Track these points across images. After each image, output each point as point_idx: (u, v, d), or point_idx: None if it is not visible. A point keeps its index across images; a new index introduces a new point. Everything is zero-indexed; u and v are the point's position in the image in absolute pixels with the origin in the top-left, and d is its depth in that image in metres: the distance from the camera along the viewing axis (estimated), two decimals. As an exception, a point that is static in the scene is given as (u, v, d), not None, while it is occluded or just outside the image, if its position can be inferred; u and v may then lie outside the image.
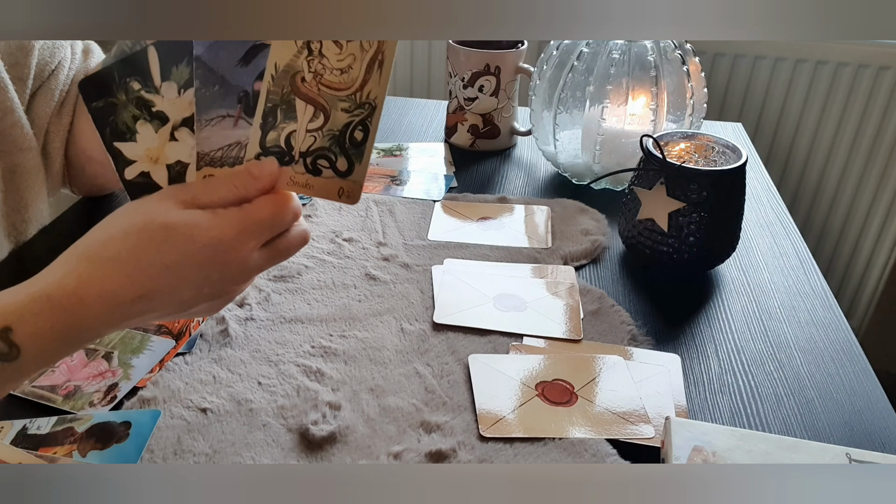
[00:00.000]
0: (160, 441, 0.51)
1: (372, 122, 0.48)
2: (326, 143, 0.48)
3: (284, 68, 0.47)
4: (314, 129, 0.48)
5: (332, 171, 0.48)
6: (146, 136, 0.48)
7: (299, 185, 0.48)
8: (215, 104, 0.47)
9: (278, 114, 0.47)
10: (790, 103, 1.53)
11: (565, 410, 0.54)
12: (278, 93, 0.47)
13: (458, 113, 0.95)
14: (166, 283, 0.43)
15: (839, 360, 0.61)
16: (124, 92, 0.48)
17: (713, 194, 0.67)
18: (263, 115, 0.47)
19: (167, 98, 0.47)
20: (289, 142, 0.48)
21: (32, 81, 0.69)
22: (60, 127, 0.71)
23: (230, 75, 0.47)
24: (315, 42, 0.46)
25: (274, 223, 0.46)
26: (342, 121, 0.48)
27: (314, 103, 0.47)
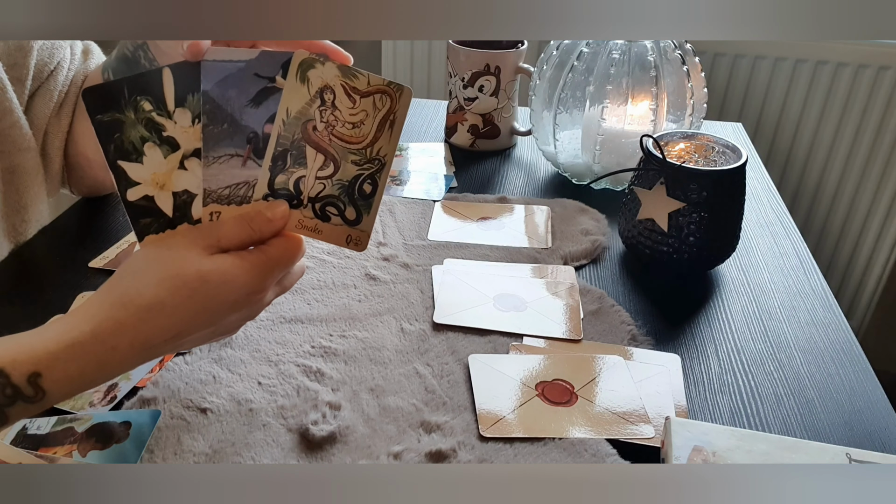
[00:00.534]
0: (160, 441, 0.51)
1: (381, 177, 0.49)
2: (335, 192, 0.49)
3: (296, 115, 0.47)
4: (324, 176, 0.49)
5: (340, 219, 0.50)
6: (154, 160, 0.48)
7: (308, 228, 0.50)
8: (223, 142, 0.47)
9: (288, 158, 0.48)
10: (790, 103, 1.53)
11: (565, 410, 0.54)
12: (289, 138, 0.47)
13: (458, 113, 0.95)
14: (196, 325, 0.45)
15: (839, 360, 0.61)
16: (133, 110, 0.47)
17: (713, 194, 0.67)
18: (273, 157, 0.48)
19: (180, 125, 0.47)
20: (297, 186, 0.49)
21: (31, 82, 0.69)
22: (59, 128, 0.71)
23: (240, 115, 0.47)
24: (328, 93, 0.47)
25: (289, 264, 0.48)
26: (352, 172, 0.49)
27: (325, 153, 0.48)
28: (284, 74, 0.46)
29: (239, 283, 0.45)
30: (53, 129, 0.71)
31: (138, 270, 0.45)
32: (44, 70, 0.70)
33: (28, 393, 0.41)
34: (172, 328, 0.44)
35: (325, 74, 0.47)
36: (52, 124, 0.71)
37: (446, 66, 0.95)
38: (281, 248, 0.48)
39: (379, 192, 0.50)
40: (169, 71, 0.47)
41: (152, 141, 0.47)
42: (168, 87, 0.47)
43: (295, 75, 0.46)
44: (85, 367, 0.42)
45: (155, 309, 0.43)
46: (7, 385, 0.40)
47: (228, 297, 0.45)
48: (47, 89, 0.70)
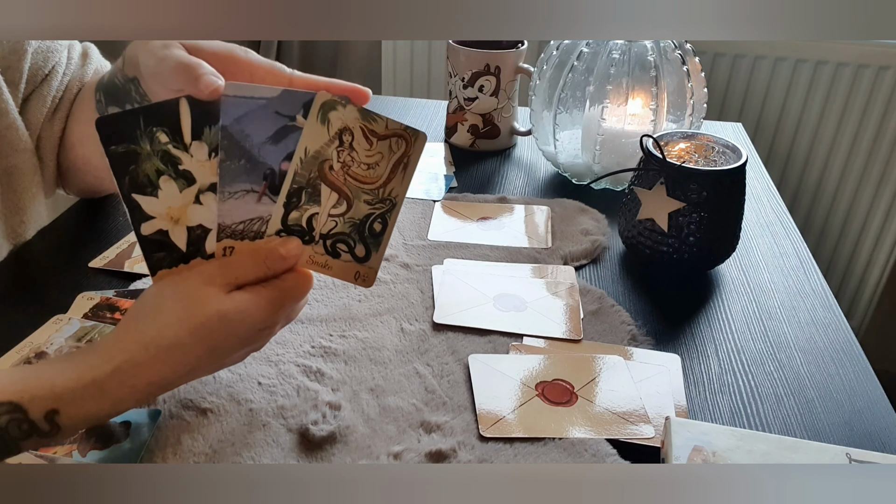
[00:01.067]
0: (160, 441, 0.51)
1: (391, 216, 0.50)
2: (346, 230, 0.50)
3: (314, 154, 0.47)
4: (336, 214, 0.50)
5: (350, 256, 0.51)
6: (169, 194, 0.47)
7: (318, 264, 0.51)
8: (240, 178, 0.47)
9: (303, 195, 0.49)
10: (790, 103, 1.53)
11: (565, 410, 0.54)
12: (305, 176, 0.48)
13: (458, 113, 0.95)
14: (211, 360, 0.47)
15: (839, 360, 0.61)
16: (149, 141, 0.46)
17: (713, 194, 0.67)
18: (288, 194, 0.48)
19: (196, 159, 0.47)
20: (310, 223, 0.49)
21: (25, 86, 0.68)
22: (52, 133, 0.71)
23: (258, 152, 0.47)
24: (347, 135, 0.47)
25: (299, 298, 0.50)
26: (363, 211, 0.50)
27: (339, 191, 0.49)
28: (305, 114, 0.46)
29: (254, 319, 0.47)
30: (46, 133, 0.71)
31: (158, 310, 0.46)
32: (38, 74, 0.69)
33: (44, 429, 0.42)
34: (188, 364, 0.45)
35: (345, 116, 0.47)
36: (45, 129, 0.71)
37: (446, 66, 0.95)
38: (293, 283, 0.49)
39: (388, 231, 0.51)
40: (186, 102, 0.46)
41: (168, 174, 0.47)
42: (185, 119, 0.46)
43: (316, 116, 0.47)
44: (102, 405, 0.43)
45: (175, 349, 0.44)
46: (24, 421, 0.41)
47: (243, 332, 0.47)
48: (41, 94, 0.69)
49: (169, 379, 0.45)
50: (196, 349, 0.45)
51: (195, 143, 0.47)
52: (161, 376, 0.44)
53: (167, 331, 0.44)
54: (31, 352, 0.58)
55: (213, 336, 0.45)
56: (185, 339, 0.44)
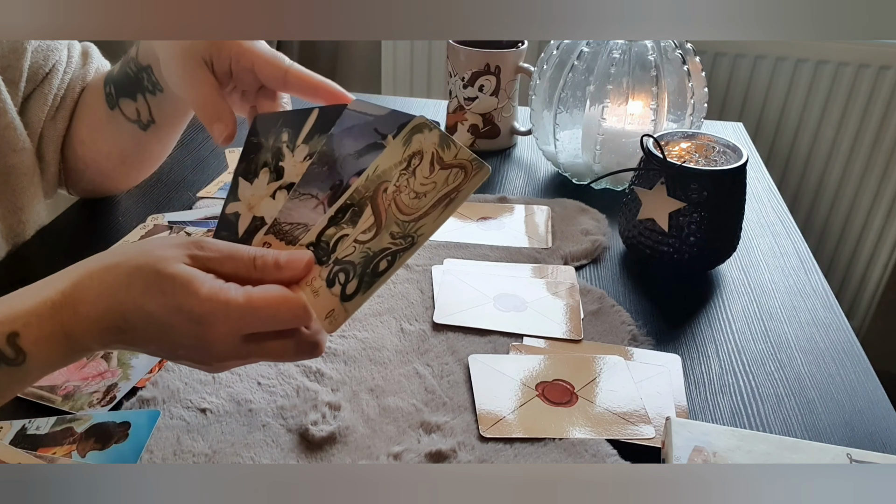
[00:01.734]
0: (160, 441, 0.51)
1: (403, 257, 0.45)
2: (357, 259, 0.45)
3: (380, 174, 0.45)
4: (361, 241, 0.45)
5: (339, 289, 0.45)
6: (260, 184, 0.49)
7: (312, 288, 0.45)
8: (315, 183, 0.48)
9: (348, 213, 0.46)
10: (791, 103, 1.53)
11: (565, 411, 0.54)
12: (361, 194, 0.45)
13: (458, 113, 0.95)
14: (144, 330, 0.42)
15: (840, 361, 0.61)
16: (274, 138, 0.49)
17: (713, 194, 0.66)
18: (338, 209, 0.46)
19: (296, 159, 0.48)
20: (337, 243, 0.46)
21: (25, 84, 0.68)
22: (55, 132, 0.71)
23: (341, 162, 0.47)
24: (417, 159, 0.45)
25: (268, 322, 0.42)
26: (383, 244, 0.45)
27: (377, 216, 0.45)
28: (396, 134, 0.45)
29: (189, 304, 0.41)
30: (49, 132, 0.71)
31: (124, 248, 0.45)
32: (38, 73, 0.69)
33: (9, 354, 0.41)
34: (120, 317, 0.42)
35: (425, 140, 0.44)
36: (48, 128, 0.71)
37: (446, 66, 0.95)
38: (266, 297, 0.42)
39: (390, 274, 0.45)
40: (317, 111, 0.48)
41: (269, 167, 0.49)
42: (308, 125, 0.48)
43: (403, 136, 0.45)
44: (55, 327, 0.42)
45: (110, 290, 0.42)
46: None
47: (174, 315, 0.41)
48: (42, 93, 0.70)
49: (103, 323, 0.42)
50: (126, 303, 0.42)
51: (302, 145, 0.48)
52: (96, 313, 0.42)
53: (113, 269, 0.42)
54: (30, 352, 0.58)
55: (146, 296, 0.41)
56: (124, 279, 0.42)
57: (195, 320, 0.41)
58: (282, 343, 0.44)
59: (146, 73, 0.64)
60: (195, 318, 0.41)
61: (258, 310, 0.41)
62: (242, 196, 0.49)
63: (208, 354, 0.43)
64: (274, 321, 0.42)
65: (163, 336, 0.43)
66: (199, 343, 0.43)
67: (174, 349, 0.44)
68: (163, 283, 0.41)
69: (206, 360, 0.44)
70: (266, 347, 0.44)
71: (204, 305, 0.41)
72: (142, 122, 0.68)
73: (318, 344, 0.45)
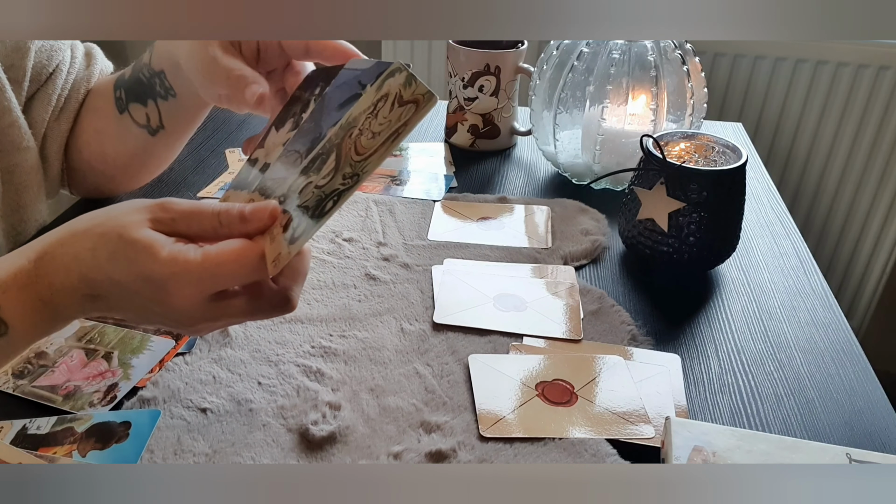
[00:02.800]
0: (160, 441, 0.51)
1: (345, 195, 0.43)
2: (312, 203, 0.43)
3: (351, 121, 0.43)
4: (319, 185, 0.43)
5: (290, 234, 0.43)
6: (282, 133, 0.50)
7: (271, 236, 0.43)
8: (300, 139, 0.46)
9: (317, 162, 0.43)
10: (790, 103, 1.53)
11: (565, 410, 0.54)
12: (332, 142, 0.43)
13: (458, 113, 0.95)
14: (117, 298, 0.43)
15: (839, 360, 0.61)
16: (310, 91, 0.51)
17: (713, 194, 0.67)
18: (310, 160, 0.44)
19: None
20: (302, 191, 0.44)
21: (29, 84, 0.68)
22: (59, 132, 0.71)
23: (326, 116, 0.45)
24: (382, 102, 0.42)
25: (228, 278, 0.42)
26: (334, 186, 0.43)
27: (338, 161, 0.43)
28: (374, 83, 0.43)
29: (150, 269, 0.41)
30: (53, 133, 0.71)
31: (93, 214, 0.44)
32: (42, 73, 0.69)
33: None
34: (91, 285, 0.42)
35: (393, 83, 0.42)
36: (52, 128, 0.71)
37: (446, 66, 0.95)
38: (224, 256, 0.41)
39: (332, 213, 0.43)
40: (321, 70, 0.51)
41: (294, 118, 0.50)
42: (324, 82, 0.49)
43: (378, 83, 0.42)
44: (31, 295, 0.42)
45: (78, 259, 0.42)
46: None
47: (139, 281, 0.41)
48: (45, 93, 0.70)
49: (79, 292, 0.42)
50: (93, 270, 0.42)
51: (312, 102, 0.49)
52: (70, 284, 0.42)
53: (83, 236, 0.43)
54: (30, 352, 0.58)
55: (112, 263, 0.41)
56: (90, 247, 0.42)
57: (158, 286, 0.41)
58: (248, 300, 0.44)
59: (159, 79, 0.64)
60: (158, 284, 0.41)
61: (216, 267, 0.41)
62: (266, 143, 0.49)
63: (178, 318, 0.43)
64: (232, 277, 0.42)
65: (133, 303, 0.43)
66: (166, 309, 0.42)
67: (147, 315, 0.44)
68: (126, 249, 0.41)
69: (178, 323, 0.44)
70: (233, 306, 0.43)
71: (164, 270, 0.41)
72: (151, 127, 0.68)
73: (290, 299, 0.45)
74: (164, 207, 0.43)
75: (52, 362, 0.57)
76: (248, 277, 0.42)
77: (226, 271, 0.41)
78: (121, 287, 0.42)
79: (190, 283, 0.41)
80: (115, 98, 0.69)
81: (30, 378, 0.55)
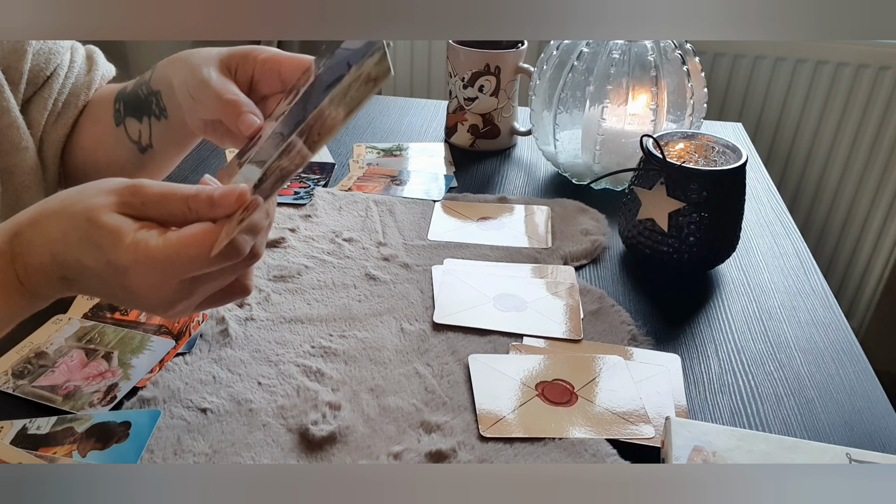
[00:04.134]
0: (160, 441, 0.51)
1: (295, 171, 0.42)
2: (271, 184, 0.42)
3: (327, 102, 0.42)
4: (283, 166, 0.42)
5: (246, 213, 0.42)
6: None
7: (236, 218, 0.42)
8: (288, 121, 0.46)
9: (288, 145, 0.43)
10: (790, 103, 1.53)
11: (565, 410, 0.54)
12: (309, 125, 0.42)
13: (458, 113, 0.95)
14: (87, 281, 0.43)
15: (839, 360, 0.61)
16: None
17: (713, 194, 0.67)
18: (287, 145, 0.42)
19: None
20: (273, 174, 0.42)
21: (25, 87, 0.68)
22: (56, 136, 0.71)
23: (311, 98, 0.44)
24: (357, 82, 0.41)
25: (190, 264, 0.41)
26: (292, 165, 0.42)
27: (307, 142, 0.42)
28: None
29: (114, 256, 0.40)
30: (50, 137, 0.71)
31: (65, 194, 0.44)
32: (39, 76, 0.69)
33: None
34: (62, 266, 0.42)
35: (370, 62, 0.41)
36: (49, 132, 0.71)
37: (446, 66, 0.95)
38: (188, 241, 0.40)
39: (278, 190, 0.42)
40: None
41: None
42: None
43: (360, 63, 0.41)
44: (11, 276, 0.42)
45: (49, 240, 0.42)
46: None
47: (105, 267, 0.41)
48: (42, 96, 0.69)
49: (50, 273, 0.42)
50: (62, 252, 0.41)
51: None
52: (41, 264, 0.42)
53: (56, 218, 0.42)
54: (30, 352, 0.58)
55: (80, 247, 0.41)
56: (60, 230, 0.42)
57: (121, 272, 0.41)
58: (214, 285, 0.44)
59: (155, 98, 0.64)
60: (121, 270, 0.41)
61: (176, 253, 0.40)
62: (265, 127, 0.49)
63: (146, 303, 0.43)
64: (193, 263, 0.41)
65: (104, 287, 0.43)
66: (131, 295, 0.42)
67: (117, 300, 0.44)
68: (92, 234, 0.41)
69: (149, 308, 0.44)
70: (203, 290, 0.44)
71: (126, 257, 0.40)
72: (141, 144, 0.68)
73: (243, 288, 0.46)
74: (135, 191, 0.42)
75: (52, 362, 0.57)
76: (210, 262, 0.41)
77: (186, 257, 0.40)
78: (90, 271, 0.42)
79: (152, 269, 0.41)
80: (115, 110, 0.69)
81: (30, 378, 0.55)
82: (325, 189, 0.84)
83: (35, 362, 0.57)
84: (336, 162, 0.92)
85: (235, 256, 0.42)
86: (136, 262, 0.40)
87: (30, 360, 0.57)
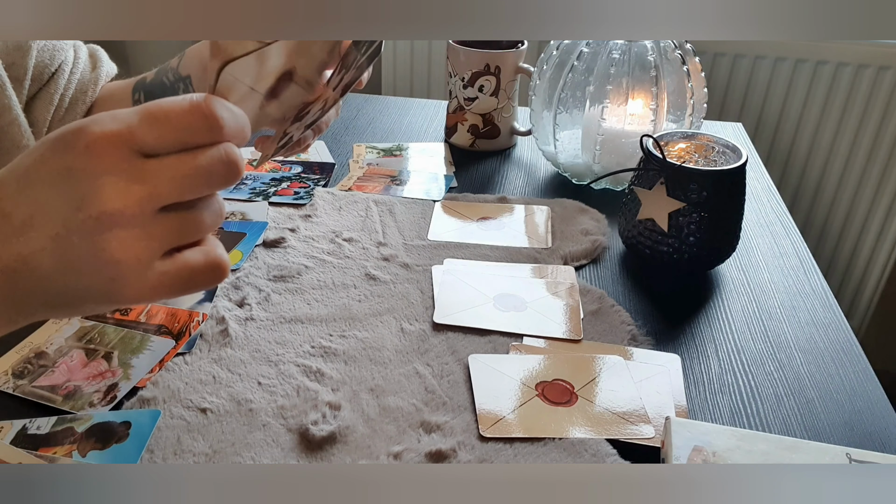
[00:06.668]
0: (160, 441, 0.51)
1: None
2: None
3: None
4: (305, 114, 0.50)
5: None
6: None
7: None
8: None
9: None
10: (790, 103, 1.53)
11: (565, 410, 0.54)
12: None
13: (458, 113, 0.95)
14: (42, 213, 0.34)
15: (839, 360, 0.61)
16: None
17: (713, 194, 0.67)
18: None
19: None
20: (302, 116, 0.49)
21: (30, 83, 0.68)
22: None
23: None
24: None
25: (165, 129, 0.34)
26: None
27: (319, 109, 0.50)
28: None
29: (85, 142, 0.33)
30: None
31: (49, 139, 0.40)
32: (44, 72, 0.69)
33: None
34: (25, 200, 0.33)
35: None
36: (55, 128, 0.71)
37: (446, 66, 0.95)
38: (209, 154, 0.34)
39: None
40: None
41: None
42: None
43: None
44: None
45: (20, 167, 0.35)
46: None
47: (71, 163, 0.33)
48: (47, 92, 0.69)
49: (13, 219, 0.33)
50: (30, 175, 0.34)
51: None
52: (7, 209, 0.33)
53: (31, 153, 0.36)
54: (30, 352, 0.58)
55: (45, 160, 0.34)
56: (28, 157, 0.35)
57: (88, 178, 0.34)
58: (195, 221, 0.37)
59: (184, 83, 0.64)
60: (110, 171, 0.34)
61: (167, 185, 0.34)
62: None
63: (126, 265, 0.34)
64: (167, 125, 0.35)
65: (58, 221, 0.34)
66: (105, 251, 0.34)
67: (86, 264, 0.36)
68: (65, 133, 0.35)
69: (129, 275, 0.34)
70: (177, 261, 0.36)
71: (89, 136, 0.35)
72: None
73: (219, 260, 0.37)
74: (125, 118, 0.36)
75: (52, 362, 0.57)
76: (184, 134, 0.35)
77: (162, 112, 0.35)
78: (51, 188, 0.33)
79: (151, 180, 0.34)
80: (133, 101, 0.68)
81: (30, 378, 0.55)
82: (325, 189, 0.84)
83: (35, 362, 0.57)
84: (336, 162, 0.92)
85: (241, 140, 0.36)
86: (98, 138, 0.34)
87: (30, 360, 0.57)
